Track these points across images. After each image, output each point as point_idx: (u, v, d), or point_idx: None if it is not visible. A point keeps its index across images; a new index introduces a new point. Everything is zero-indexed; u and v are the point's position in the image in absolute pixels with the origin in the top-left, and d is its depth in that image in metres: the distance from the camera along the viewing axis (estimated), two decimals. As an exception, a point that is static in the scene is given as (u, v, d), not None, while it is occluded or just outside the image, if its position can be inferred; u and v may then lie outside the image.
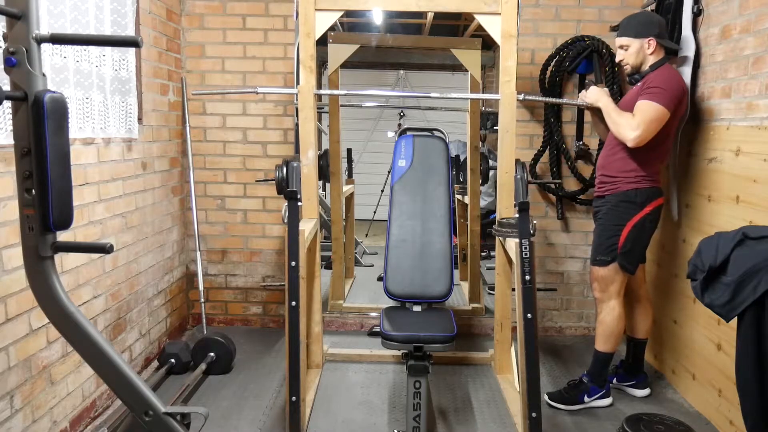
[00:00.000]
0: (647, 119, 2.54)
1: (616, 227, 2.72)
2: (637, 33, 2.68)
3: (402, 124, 7.52)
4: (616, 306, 2.76)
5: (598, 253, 2.78)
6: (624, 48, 2.72)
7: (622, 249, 2.70)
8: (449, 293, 2.84)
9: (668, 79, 2.60)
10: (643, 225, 2.70)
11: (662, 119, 2.56)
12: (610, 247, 2.73)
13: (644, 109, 2.56)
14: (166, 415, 1.61)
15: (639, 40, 2.67)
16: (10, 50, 1.39)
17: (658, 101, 2.55)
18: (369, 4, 3.27)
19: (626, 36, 2.71)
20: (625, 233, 2.69)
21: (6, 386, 2.02)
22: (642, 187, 2.68)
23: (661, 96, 2.55)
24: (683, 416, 2.69)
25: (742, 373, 1.79)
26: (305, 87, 2.98)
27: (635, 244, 2.71)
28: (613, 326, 2.76)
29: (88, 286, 2.55)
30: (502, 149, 3.01)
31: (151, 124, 3.20)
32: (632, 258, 2.73)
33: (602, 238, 2.78)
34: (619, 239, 2.70)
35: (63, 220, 1.48)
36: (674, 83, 2.61)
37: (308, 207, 2.99)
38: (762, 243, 1.77)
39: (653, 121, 2.55)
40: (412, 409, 2.36)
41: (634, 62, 2.71)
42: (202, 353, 3.07)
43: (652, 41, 2.66)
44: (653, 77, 2.63)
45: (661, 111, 2.55)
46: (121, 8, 2.73)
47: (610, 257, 2.73)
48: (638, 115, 2.57)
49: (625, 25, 2.73)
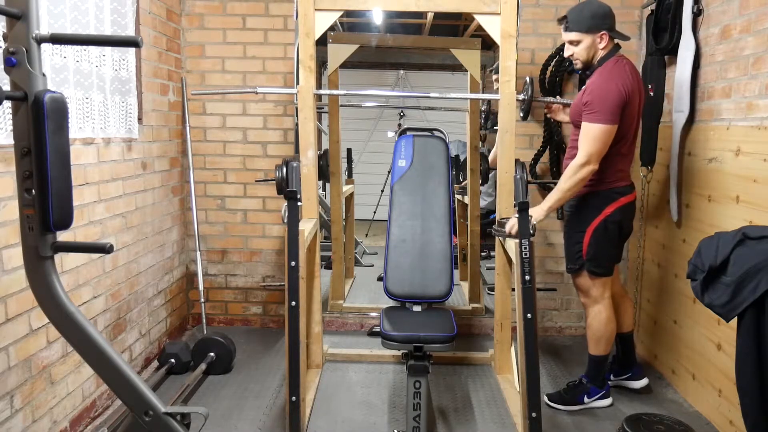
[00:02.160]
0: (589, 143, 2.49)
1: (578, 234, 2.70)
2: (588, 28, 2.55)
3: (402, 124, 7.52)
4: (601, 310, 2.73)
5: (568, 261, 2.78)
6: (574, 44, 2.59)
7: (587, 255, 2.68)
8: (449, 293, 2.85)
9: (604, 89, 2.49)
10: (605, 228, 2.65)
11: (607, 134, 2.49)
12: (576, 254, 2.71)
13: (585, 134, 2.51)
14: (166, 415, 1.61)
15: (591, 35, 2.55)
16: (10, 50, 1.39)
17: (597, 121, 2.49)
18: (369, 4, 3.27)
19: (577, 31, 2.56)
20: (587, 239, 2.67)
21: (6, 386, 2.02)
22: (598, 189, 2.63)
23: (598, 114, 2.48)
24: (683, 416, 2.68)
25: (742, 373, 1.80)
26: (305, 87, 2.98)
27: (600, 248, 2.66)
28: (601, 330, 2.74)
29: (88, 286, 2.55)
30: (502, 149, 3.01)
31: (151, 124, 3.20)
32: (600, 262, 2.68)
33: (568, 245, 2.78)
34: (582, 245, 2.68)
35: (63, 220, 1.48)
36: (612, 90, 2.48)
37: (308, 207, 2.99)
38: (762, 243, 1.77)
39: (594, 140, 2.49)
40: (412, 409, 2.36)
41: (585, 58, 2.60)
42: (202, 353, 3.07)
43: (604, 35, 2.56)
44: (590, 86, 2.55)
45: (602, 129, 2.48)
46: (121, 8, 2.73)
47: (578, 264, 2.72)
48: (582, 143, 2.52)
49: (574, 19, 2.56)
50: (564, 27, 2.62)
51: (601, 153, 2.52)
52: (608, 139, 2.52)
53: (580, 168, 2.52)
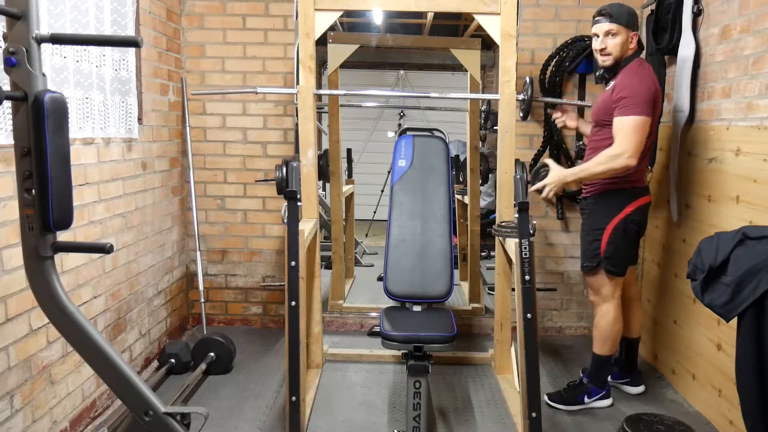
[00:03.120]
0: (627, 135, 2.49)
1: (597, 231, 2.69)
2: (628, 23, 2.58)
3: (402, 124, 7.52)
4: (610, 309, 2.73)
5: (584, 259, 2.77)
6: (611, 34, 2.58)
7: (605, 254, 2.67)
8: (449, 293, 2.84)
9: (637, 84, 2.52)
10: (625, 227, 2.65)
11: (644, 126, 2.50)
12: (593, 252, 2.70)
13: (621, 127, 2.50)
14: (166, 415, 1.61)
15: (628, 31, 2.59)
16: (10, 50, 1.39)
17: (634, 113, 2.49)
18: (369, 4, 3.27)
19: (618, 23, 2.56)
20: (606, 237, 2.66)
21: (6, 386, 2.02)
22: (622, 188, 2.64)
23: (634, 107, 2.49)
24: (683, 416, 2.68)
25: (742, 373, 1.80)
26: (305, 87, 2.98)
27: (618, 247, 2.67)
28: (608, 330, 2.74)
29: (88, 286, 2.55)
30: (502, 149, 3.01)
31: (151, 124, 3.20)
32: (617, 261, 2.68)
33: (585, 243, 2.76)
34: (600, 243, 2.67)
35: (63, 220, 1.48)
36: (643, 86, 2.52)
37: (308, 207, 2.99)
38: (762, 243, 1.77)
39: (633, 132, 2.49)
40: (412, 409, 2.36)
41: (618, 53, 2.60)
42: (202, 353, 3.07)
43: (635, 36, 2.60)
44: (621, 83, 2.56)
45: (636, 121, 2.49)
46: (121, 8, 2.73)
47: (595, 262, 2.71)
48: (617, 137, 2.51)
49: (617, 11, 2.57)
50: (606, 18, 2.59)
51: (639, 146, 2.50)
52: (645, 131, 2.51)
53: (614, 158, 2.50)
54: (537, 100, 3.39)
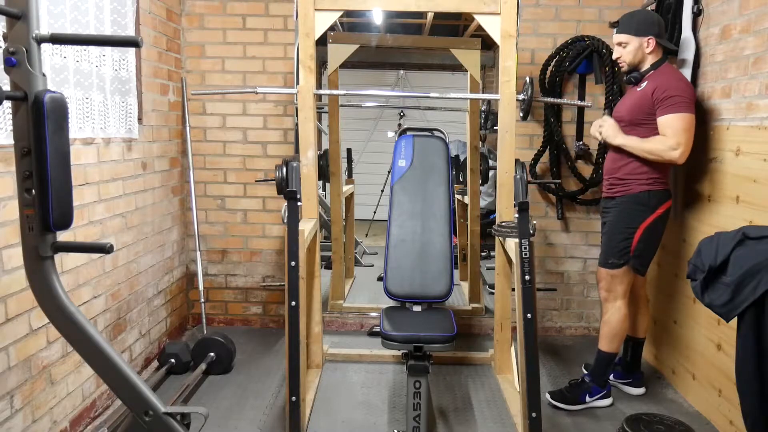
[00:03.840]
0: (681, 132, 2.54)
1: (629, 230, 2.70)
2: (637, 31, 2.66)
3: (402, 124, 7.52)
4: (622, 306, 2.75)
5: (610, 256, 2.75)
6: (622, 45, 2.70)
7: (635, 252, 2.69)
8: (449, 293, 2.84)
9: (681, 85, 2.60)
10: (656, 227, 2.69)
11: (692, 125, 2.57)
12: (622, 250, 2.71)
13: (673, 124, 2.55)
14: (166, 415, 1.61)
15: (638, 38, 2.65)
16: (10, 50, 1.39)
17: (683, 110, 2.55)
18: (369, 4, 3.27)
19: (626, 33, 2.68)
20: (638, 236, 2.68)
21: (6, 386, 2.02)
22: (655, 189, 2.66)
23: (682, 104, 2.55)
24: (683, 416, 2.68)
25: (742, 373, 1.80)
26: (305, 87, 2.98)
27: (648, 246, 2.71)
28: (618, 327, 2.76)
29: (88, 286, 2.55)
30: (502, 149, 3.01)
31: (151, 124, 3.20)
32: (645, 260, 2.74)
33: (614, 240, 2.75)
34: (631, 242, 2.69)
35: (63, 220, 1.48)
36: (686, 85, 2.62)
37: (308, 207, 2.99)
38: (762, 243, 1.77)
39: (686, 130, 2.55)
40: (412, 409, 2.36)
41: (631, 60, 2.69)
42: (202, 353, 3.07)
43: (651, 40, 2.65)
44: (664, 83, 2.59)
45: (690, 118, 2.56)
46: (121, 8, 2.73)
47: (623, 260, 2.72)
48: (670, 132, 2.55)
49: (625, 21, 2.70)
50: (617, 29, 2.75)
51: (690, 143, 2.57)
52: (692, 131, 2.57)
53: (670, 149, 2.55)
54: (537, 100, 3.39)
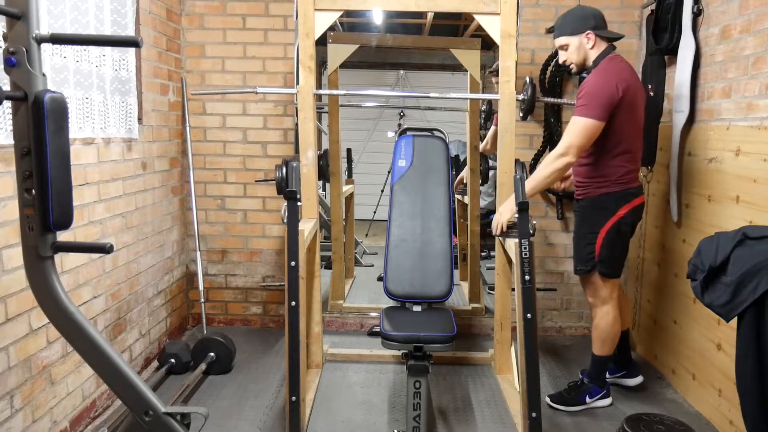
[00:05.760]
0: (574, 135, 2.51)
1: (590, 235, 2.69)
2: (573, 30, 2.62)
3: (402, 124, 7.52)
4: (609, 310, 2.73)
5: (578, 263, 2.77)
6: (564, 48, 2.66)
7: (599, 257, 2.67)
8: (449, 293, 2.84)
9: (596, 85, 2.52)
10: (618, 229, 2.65)
11: (592, 130, 2.50)
12: (587, 256, 2.70)
13: (570, 127, 2.55)
14: (166, 415, 1.61)
15: (576, 36, 2.61)
16: (10, 50, 1.39)
17: (584, 114, 2.50)
18: (369, 4, 3.27)
19: (562, 35, 2.64)
20: (600, 241, 2.65)
21: (6, 386, 2.02)
22: (612, 191, 2.63)
23: (586, 109, 2.50)
24: (683, 416, 2.68)
25: (742, 373, 1.80)
26: (305, 87, 2.98)
27: (612, 249, 2.67)
28: (608, 330, 2.74)
29: (88, 286, 2.55)
30: (502, 149, 3.01)
31: (151, 124, 3.20)
32: (611, 263, 2.69)
33: (579, 247, 2.76)
34: (594, 247, 2.67)
35: (63, 220, 1.48)
36: (603, 87, 2.50)
37: (308, 207, 2.99)
38: (762, 243, 1.77)
39: (581, 135, 2.51)
40: (412, 409, 2.36)
41: (578, 60, 2.65)
42: (202, 353, 3.07)
43: (590, 35, 2.60)
44: (585, 83, 2.57)
45: (588, 123, 2.49)
46: (121, 8, 2.73)
47: (589, 266, 2.71)
48: (566, 134, 2.56)
49: (559, 25, 2.66)
50: (554, 34, 2.71)
51: (582, 147, 2.54)
52: (593, 135, 2.52)
53: (557, 158, 2.55)
54: (537, 100, 3.39)
